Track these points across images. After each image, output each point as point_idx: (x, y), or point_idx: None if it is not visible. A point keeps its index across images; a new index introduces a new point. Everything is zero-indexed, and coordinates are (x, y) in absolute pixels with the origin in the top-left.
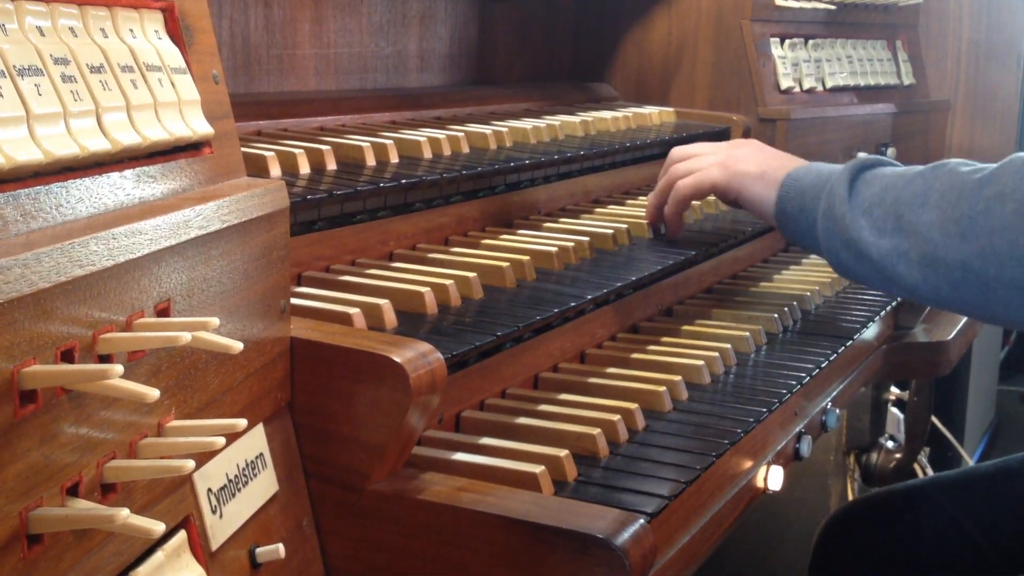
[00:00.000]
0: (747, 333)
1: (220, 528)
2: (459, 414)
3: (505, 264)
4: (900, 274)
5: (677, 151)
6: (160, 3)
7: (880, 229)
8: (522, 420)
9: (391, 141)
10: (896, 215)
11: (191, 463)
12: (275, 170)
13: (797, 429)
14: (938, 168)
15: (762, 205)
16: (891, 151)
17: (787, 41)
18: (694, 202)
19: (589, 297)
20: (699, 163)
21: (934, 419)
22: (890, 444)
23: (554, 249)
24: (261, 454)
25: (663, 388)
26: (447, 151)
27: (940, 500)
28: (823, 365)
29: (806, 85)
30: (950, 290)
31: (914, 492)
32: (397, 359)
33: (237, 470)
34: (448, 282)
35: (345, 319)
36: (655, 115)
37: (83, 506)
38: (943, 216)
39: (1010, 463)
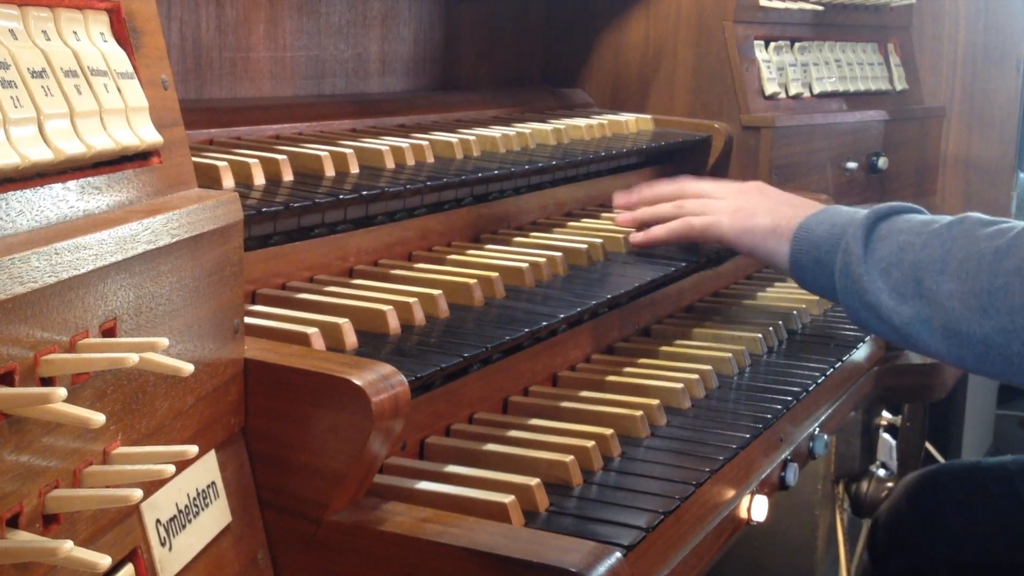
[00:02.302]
0: (729, 354)
1: (169, 562)
2: (423, 440)
3: (472, 281)
4: (923, 342)
5: (691, 186)
6: (105, 4)
7: (900, 294)
8: (490, 447)
9: (351, 150)
10: (915, 280)
11: (138, 492)
12: (228, 181)
13: (783, 456)
14: (955, 227)
15: (775, 259)
16: (883, 160)
17: (772, 44)
18: None
19: (562, 316)
20: (711, 206)
21: (928, 446)
22: (881, 472)
23: (525, 265)
24: (213, 483)
25: (640, 413)
26: (411, 161)
27: (1012, 477)
28: (810, 388)
29: (792, 91)
30: (974, 361)
31: (995, 467)
32: (358, 382)
33: (188, 500)
34: (412, 300)
35: (302, 339)
36: (632, 123)
37: (24, 538)
38: (963, 288)
39: None
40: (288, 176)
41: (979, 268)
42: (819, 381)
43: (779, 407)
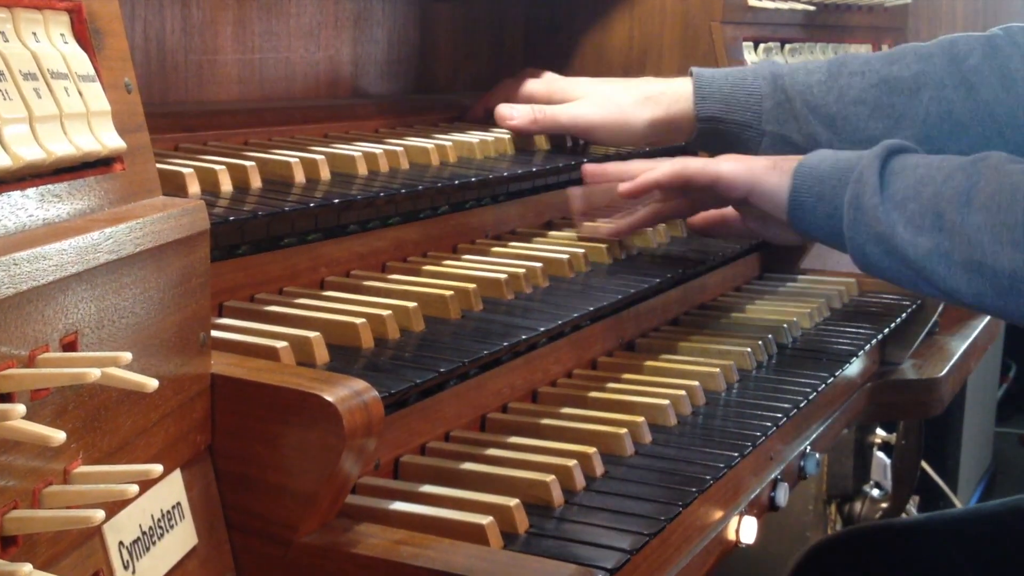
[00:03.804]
0: (717, 369)
1: None
2: (398, 459)
3: (449, 293)
4: (939, 275)
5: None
6: (66, 4)
7: (917, 226)
8: (467, 465)
9: (322, 156)
10: (936, 212)
11: (100, 513)
12: (194, 188)
13: (773, 476)
14: (980, 162)
15: (774, 197)
16: None
17: (761, 45)
18: (659, 225)
19: (542, 329)
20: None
21: (924, 464)
22: (875, 492)
23: (503, 276)
24: (178, 503)
25: (624, 430)
26: (384, 167)
27: (940, 538)
28: (801, 405)
29: None
30: (995, 296)
31: (910, 528)
32: (329, 398)
33: (152, 521)
34: (385, 313)
35: (271, 353)
36: None
37: None
38: (992, 220)
39: (1021, 503)
40: (257, 183)
41: (1013, 200)
42: (810, 397)
43: (769, 424)
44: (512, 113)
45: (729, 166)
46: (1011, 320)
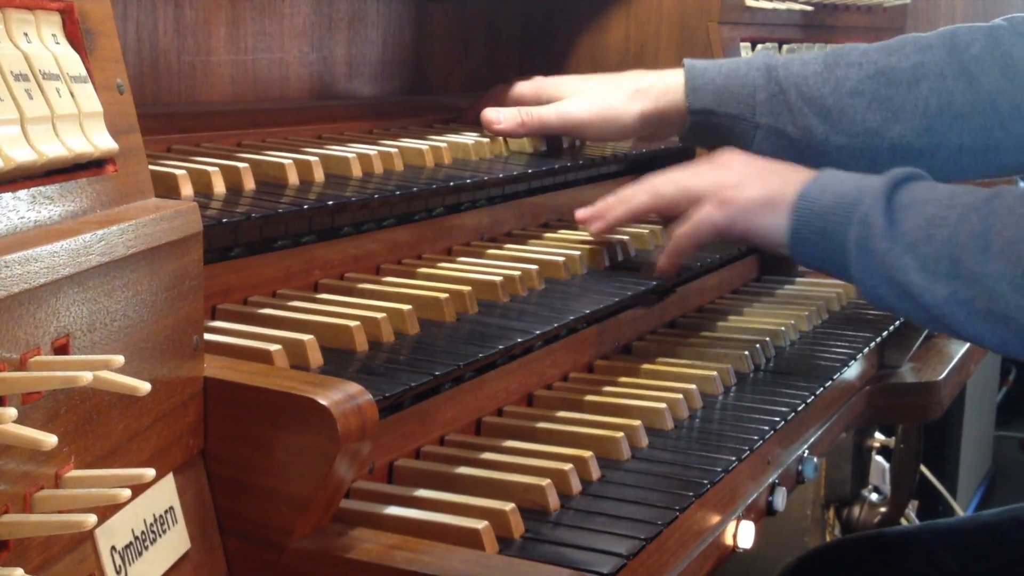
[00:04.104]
0: (714, 372)
1: None
2: (392, 463)
3: (444, 295)
4: (960, 323)
5: (658, 176)
6: (58, 4)
7: (932, 272)
8: (462, 470)
9: (316, 158)
10: (951, 258)
11: (92, 518)
12: (187, 190)
13: (770, 480)
14: (993, 202)
15: (771, 235)
16: None
17: (759, 46)
18: (655, 226)
19: (538, 332)
20: (692, 191)
21: (923, 468)
22: (874, 496)
23: (499, 279)
24: (171, 508)
25: (620, 434)
26: (379, 169)
27: (934, 548)
28: (799, 408)
29: None
30: (1021, 345)
31: (905, 537)
32: (323, 401)
33: (144, 526)
34: (380, 315)
35: (265, 357)
36: None
37: None
38: (1013, 270)
39: (1018, 512)
40: (250, 185)
41: None
42: (808, 401)
43: (766, 428)
44: (499, 117)
45: (721, 215)
46: None
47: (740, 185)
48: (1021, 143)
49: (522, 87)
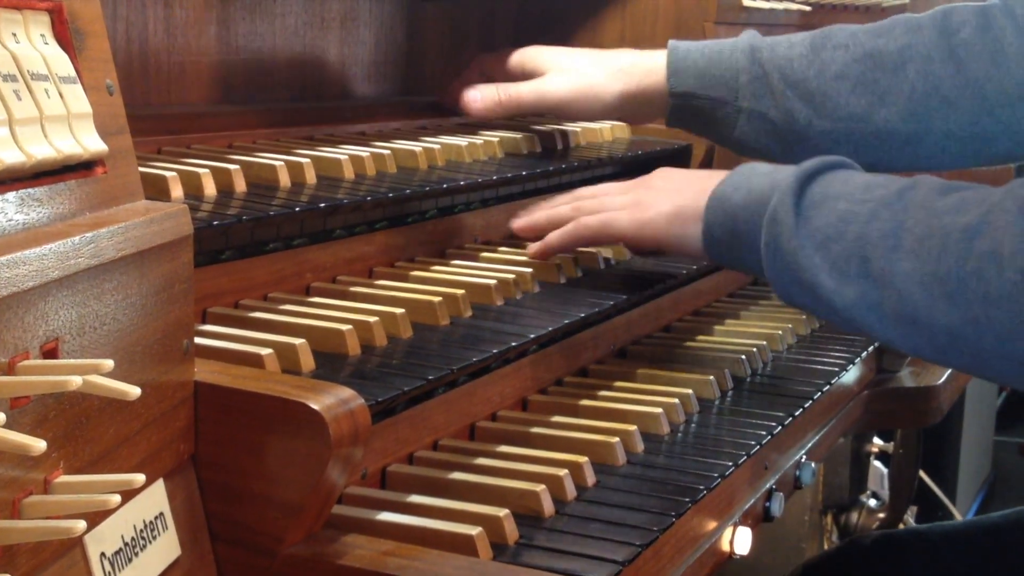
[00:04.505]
0: (711, 377)
1: None
2: (385, 468)
3: (437, 299)
4: (871, 326)
5: (586, 189)
6: (47, 4)
7: (842, 272)
8: (456, 475)
9: (308, 160)
10: (861, 257)
11: (82, 524)
12: (177, 192)
13: (767, 486)
14: (907, 195)
15: (687, 245)
16: None
17: None
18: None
19: (532, 336)
20: (608, 203)
21: (922, 474)
22: (872, 502)
23: (493, 282)
24: (161, 513)
25: (616, 439)
26: (371, 171)
27: (940, 550)
28: (796, 413)
29: None
30: (933, 352)
31: (910, 538)
32: (315, 406)
33: (134, 532)
34: (372, 319)
35: (256, 361)
36: (607, 130)
37: None
38: (923, 268)
39: (1021, 515)
40: (241, 187)
41: (944, 248)
42: (806, 405)
43: (763, 433)
44: (476, 95)
45: (628, 223)
46: (958, 371)
47: (654, 202)
48: (1010, 131)
49: (509, 56)
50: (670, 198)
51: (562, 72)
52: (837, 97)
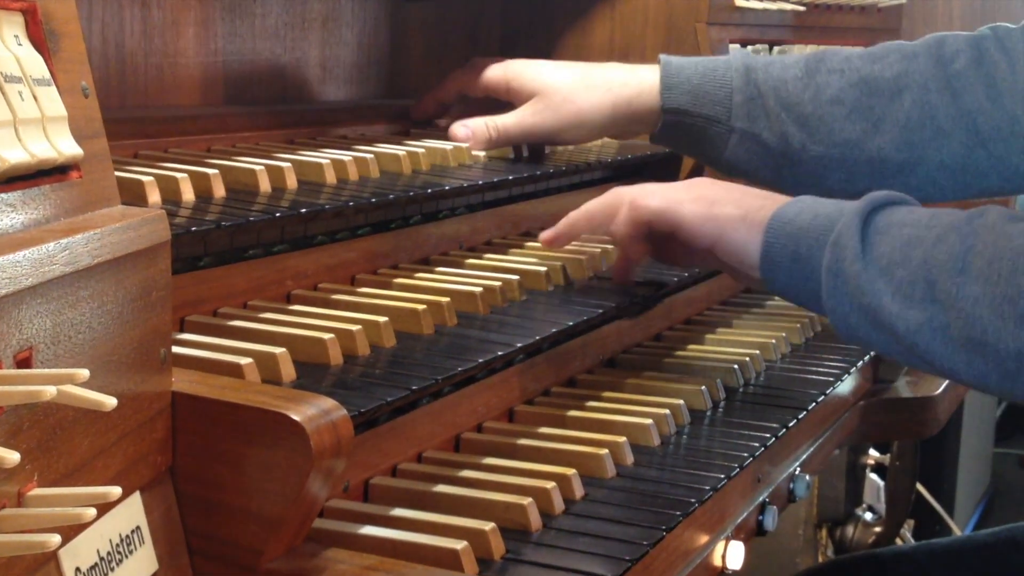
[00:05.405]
0: (702, 387)
1: None
2: (368, 481)
3: (421, 307)
4: (935, 353)
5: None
6: (20, 4)
7: (907, 296)
8: (441, 488)
9: (289, 164)
10: (927, 281)
11: (56, 538)
12: (154, 197)
13: (760, 499)
14: (975, 220)
15: (743, 255)
16: None
17: (749, 47)
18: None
19: (519, 345)
20: (660, 188)
21: (919, 487)
22: (868, 516)
23: (478, 289)
24: (138, 527)
25: (605, 451)
26: (354, 176)
27: (929, 570)
28: (790, 424)
29: None
30: (1000, 378)
31: (899, 558)
32: (295, 417)
33: (110, 546)
34: (355, 328)
35: (235, 370)
36: None
37: None
38: (993, 291)
39: (1015, 532)
40: (220, 192)
41: (1015, 269)
42: (800, 416)
43: (756, 445)
44: (468, 134)
45: (692, 212)
46: (1016, 400)
47: (718, 200)
48: (1001, 165)
49: (492, 73)
50: (736, 204)
51: (546, 100)
52: (832, 122)
